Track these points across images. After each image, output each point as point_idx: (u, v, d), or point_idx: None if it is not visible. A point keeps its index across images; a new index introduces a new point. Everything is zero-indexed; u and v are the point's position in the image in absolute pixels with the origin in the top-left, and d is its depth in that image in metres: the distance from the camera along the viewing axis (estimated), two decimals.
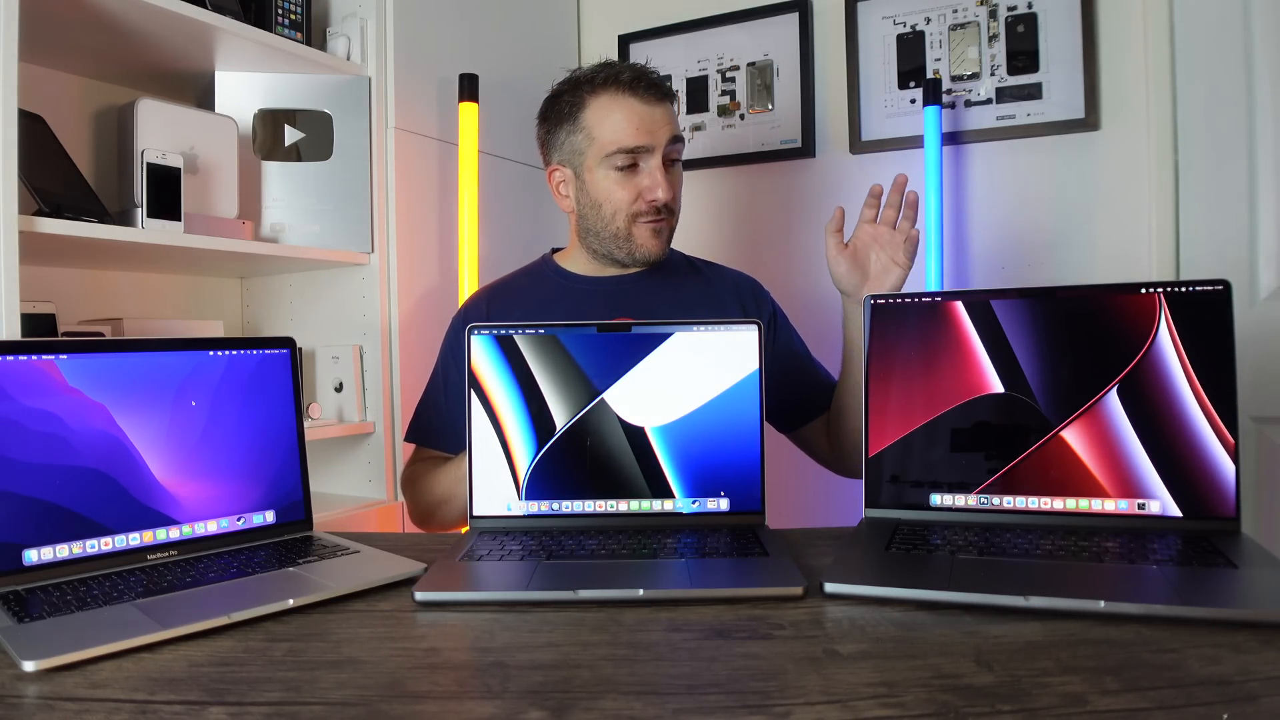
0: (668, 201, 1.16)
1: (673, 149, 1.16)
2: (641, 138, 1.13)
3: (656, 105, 1.15)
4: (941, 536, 0.81)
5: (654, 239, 1.17)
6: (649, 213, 1.16)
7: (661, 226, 1.18)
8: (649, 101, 1.14)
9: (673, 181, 1.16)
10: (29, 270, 1.13)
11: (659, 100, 1.15)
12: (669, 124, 1.16)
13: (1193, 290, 0.83)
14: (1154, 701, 0.50)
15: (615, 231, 1.17)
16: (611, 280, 1.23)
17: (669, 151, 1.16)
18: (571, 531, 0.87)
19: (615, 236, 1.18)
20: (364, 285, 1.67)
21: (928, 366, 0.90)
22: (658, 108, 1.15)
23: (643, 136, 1.13)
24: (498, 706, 0.52)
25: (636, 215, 1.16)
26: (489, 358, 0.92)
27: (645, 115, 1.14)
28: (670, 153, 1.16)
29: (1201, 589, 0.66)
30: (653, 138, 1.14)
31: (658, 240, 1.18)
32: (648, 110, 1.14)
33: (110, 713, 0.52)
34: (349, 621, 0.68)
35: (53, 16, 1.27)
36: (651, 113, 1.14)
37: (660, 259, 1.20)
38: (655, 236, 1.17)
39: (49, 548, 0.75)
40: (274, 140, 1.61)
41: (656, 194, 1.14)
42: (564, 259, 1.27)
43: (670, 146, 1.16)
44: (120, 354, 0.82)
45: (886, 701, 0.51)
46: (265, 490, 0.89)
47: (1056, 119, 1.80)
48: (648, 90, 1.14)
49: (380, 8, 1.65)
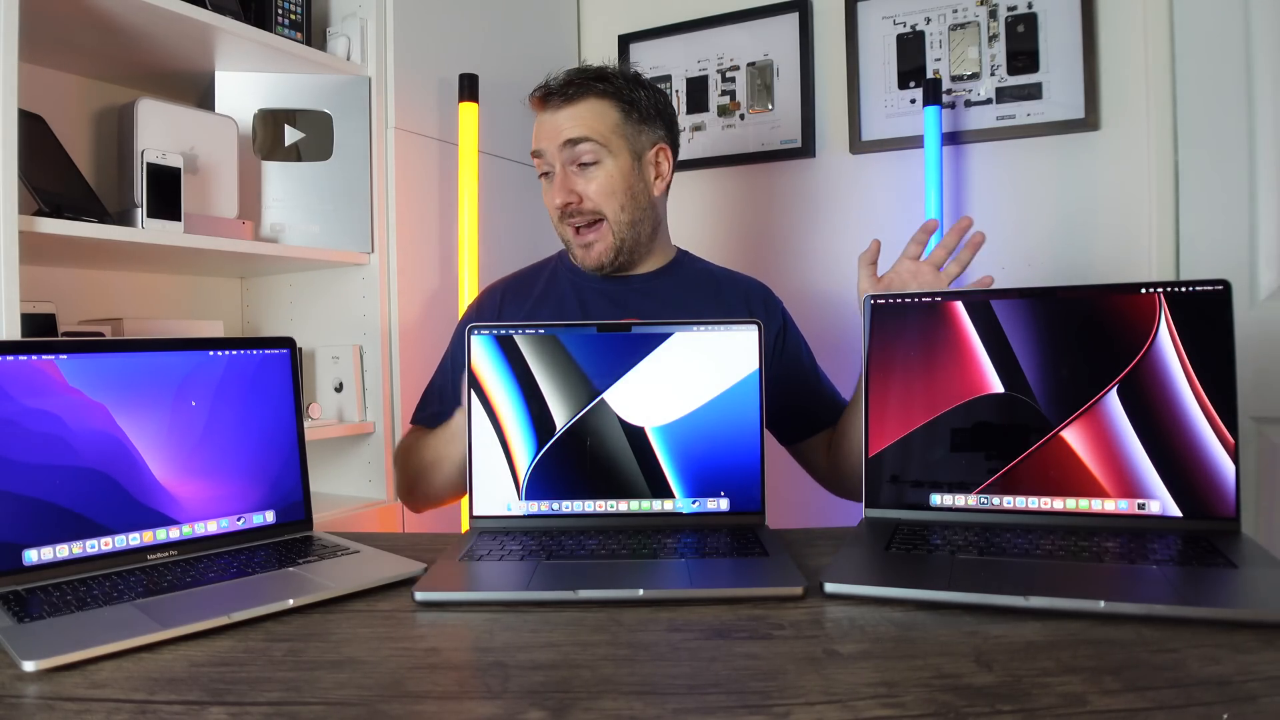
0: (569, 204, 1.15)
1: (572, 151, 1.15)
2: (538, 143, 1.18)
3: (559, 110, 1.16)
4: (941, 536, 0.81)
5: (583, 251, 1.18)
6: (563, 217, 1.17)
7: (590, 237, 1.17)
8: (549, 108, 1.17)
9: (576, 183, 1.15)
10: (29, 270, 1.13)
11: (563, 104, 1.15)
12: (564, 128, 1.15)
13: (1193, 290, 0.83)
14: (1154, 701, 0.50)
15: (564, 239, 1.21)
16: (619, 280, 1.23)
17: (571, 154, 1.15)
18: (571, 531, 0.87)
19: (566, 244, 1.22)
20: (364, 285, 1.67)
21: (928, 366, 0.90)
22: (560, 112, 1.16)
23: (540, 142, 1.18)
24: (498, 706, 0.52)
25: (561, 220, 1.18)
26: (489, 358, 0.92)
27: (545, 122, 1.17)
28: (572, 155, 1.15)
29: (1201, 589, 0.66)
30: (541, 143, 1.17)
31: (588, 253, 1.18)
32: (546, 117, 1.17)
33: (110, 713, 0.52)
34: (349, 621, 0.68)
35: (53, 16, 1.27)
36: (550, 119, 1.16)
37: (600, 270, 1.19)
38: (585, 250, 1.18)
39: (49, 548, 0.75)
40: (274, 140, 1.61)
41: (554, 199, 1.16)
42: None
43: (569, 149, 1.15)
44: (120, 354, 0.82)
45: (886, 701, 0.51)
46: (265, 490, 0.89)
47: (1056, 119, 1.80)
48: (545, 97, 1.17)
49: (380, 8, 1.65)
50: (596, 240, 1.17)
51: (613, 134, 1.16)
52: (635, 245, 1.19)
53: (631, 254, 1.20)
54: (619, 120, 1.17)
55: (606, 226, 1.17)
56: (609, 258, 1.18)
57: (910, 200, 1.91)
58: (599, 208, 1.16)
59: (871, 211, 2.00)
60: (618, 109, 1.17)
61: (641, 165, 1.19)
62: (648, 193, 1.20)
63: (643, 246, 1.21)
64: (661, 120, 1.22)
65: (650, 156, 1.20)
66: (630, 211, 1.17)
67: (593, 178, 1.15)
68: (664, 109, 1.23)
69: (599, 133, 1.15)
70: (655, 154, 1.20)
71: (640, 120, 1.18)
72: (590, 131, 1.14)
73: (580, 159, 1.15)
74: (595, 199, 1.15)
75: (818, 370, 1.28)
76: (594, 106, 1.16)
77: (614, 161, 1.16)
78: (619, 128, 1.16)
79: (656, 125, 1.21)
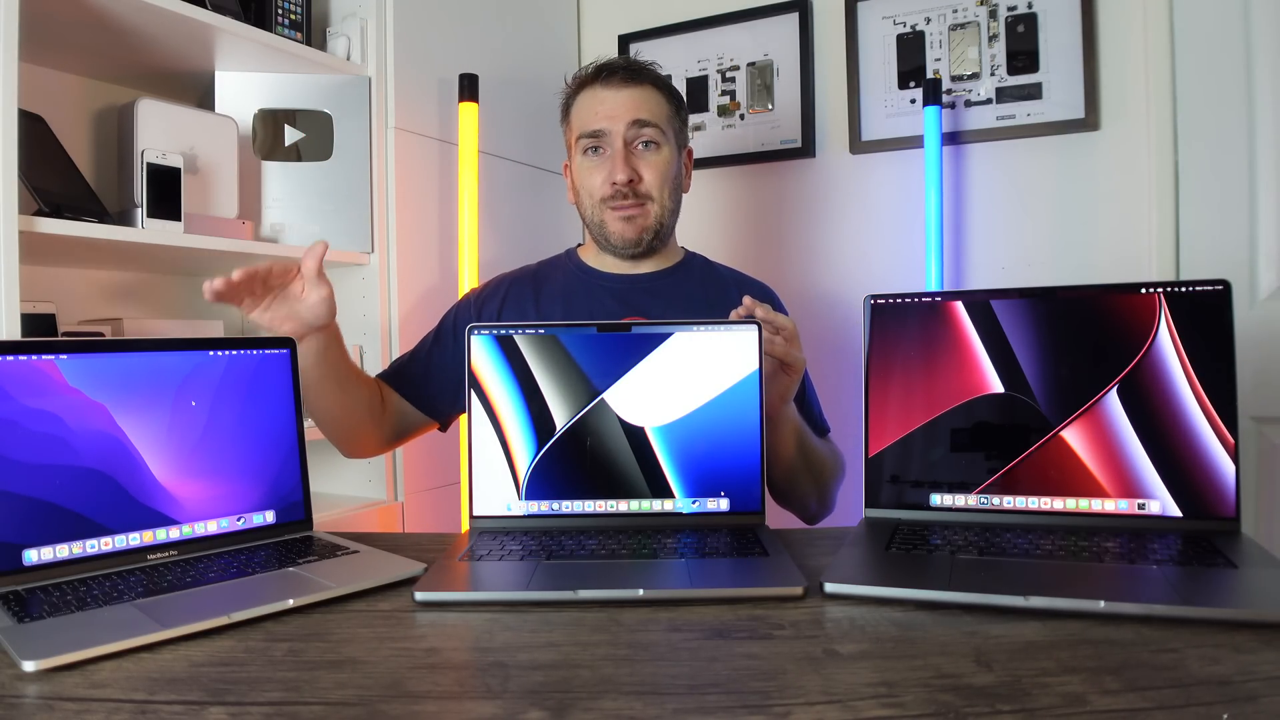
0: (630, 183, 1.15)
1: (638, 131, 1.16)
2: (599, 121, 1.17)
3: (622, 89, 1.16)
4: (941, 536, 0.81)
5: (623, 224, 1.18)
6: (614, 196, 1.17)
7: (632, 212, 1.17)
8: (613, 86, 1.17)
9: (638, 164, 1.16)
10: (29, 270, 1.13)
11: (625, 84, 1.16)
12: (632, 107, 1.16)
13: (1193, 290, 0.83)
14: (1154, 701, 0.50)
15: (596, 219, 1.20)
16: (627, 278, 1.23)
17: (636, 134, 1.16)
18: (571, 531, 0.87)
19: (597, 224, 1.21)
20: (364, 285, 1.67)
21: (928, 366, 0.90)
22: (623, 91, 1.16)
23: (600, 120, 1.17)
24: (498, 706, 0.52)
25: (605, 200, 1.18)
26: (489, 358, 0.92)
27: (606, 100, 1.17)
28: (638, 135, 1.16)
29: (1201, 589, 0.66)
30: (610, 120, 1.16)
31: (628, 226, 1.18)
32: (610, 94, 1.17)
33: (110, 713, 0.52)
34: (349, 621, 0.68)
35: (53, 16, 1.27)
36: (614, 96, 1.16)
37: (635, 246, 1.19)
38: (625, 222, 1.18)
39: (49, 548, 0.75)
40: (274, 140, 1.61)
41: (615, 175, 1.15)
42: (584, 254, 1.29)
43: (635, 129, 1.16)
44: (120, 354, 0.82)
45: (886, 701, 0.51)
46: (265, 490, 0.89)
47: (1056, 119, 1.80)
48: (610, 76, 1.17)
49: (380, 8, 1.65)
50: (639, 215, 1.18)
51: (668, 124, 1.19)
52: (665, 234, 1.22)
53: (660, 241, 1.22)
54: (671, 113, 1.20)
55: (651, 208, 1.18)
56: (648, 236, 1.19)
57: (910, 200, 1.91)
58: (652, 191, 1.17)
59: (871, 211, 2.00)
60: (670, 102, 1.20)
61: (680, 161, 1.23)
62: (681, 189, 1.24)
63: (665, 238, 1.23)
64: (687, 126, 1.27)
65: (684, 156, 1.24)
66: (673, 202, 1.21)
67: (652, 161, 1.17)
68: (687, 116, 1.28)
69: (661, 119, 1.17)
70: (686, 155, 1.25)
71: (682, 120, 1.23)
72: (655, 116, 1.17)
73: (642, 138, 1.17)
74: (651, 182, 1.17)
75: (806, 382, 1.25)
76: (654, 93, 1.19)
77: (669, 150, 1.19)
78: (671, 120, 1.20)
79: (686, 129, 1.26)
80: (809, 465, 1.12)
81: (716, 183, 2.16)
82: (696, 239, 1.42)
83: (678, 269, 1.25)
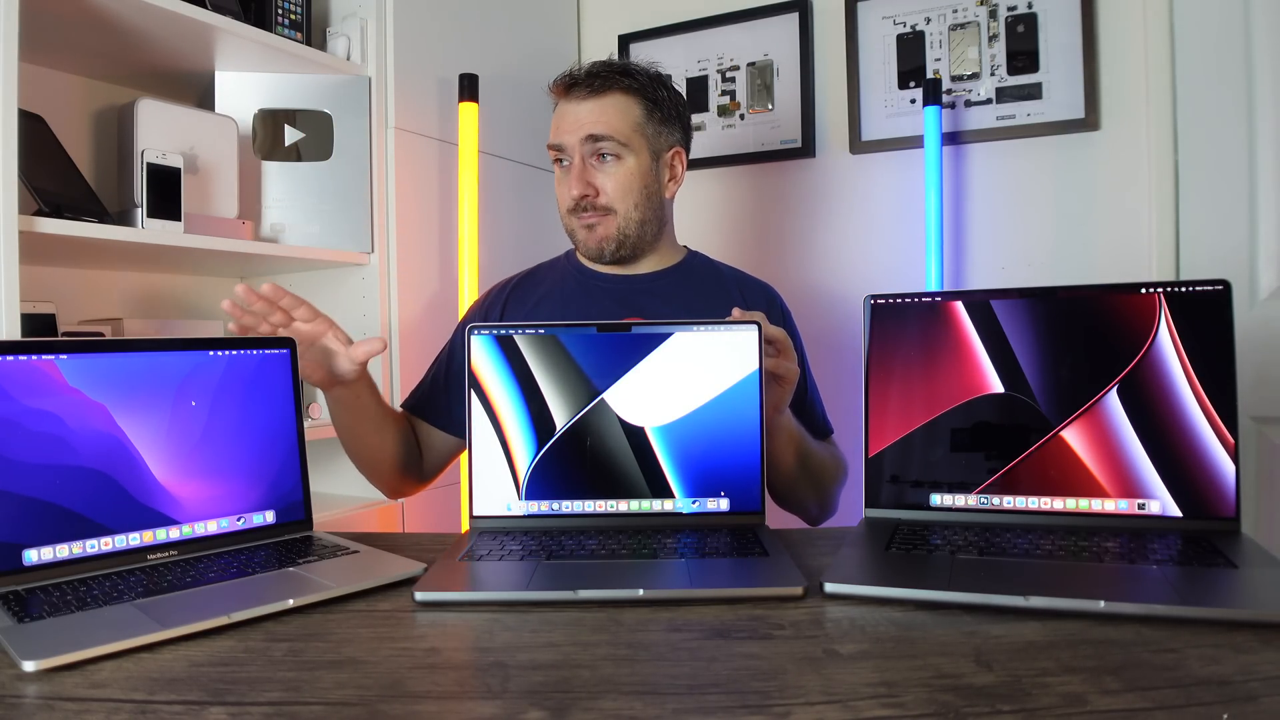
0: (586, 197, 1.15)
1: (595, 145, 1.15)
2: (560, 135, 1.17)
3: (583, 103, 1.15)
4: (941, 536, 0.81)
5: (586, 233, 1.18)
6: (575, 209, 1.17)
7: (593, 221, 1.17)
8: (574, 99, 1.16)
9: (595, 177, 1.15)
10: (29, 270, 1.13)
11: (587, 97, 1.15)
12: (589, 121, 1.14)
13: (1193, 290, 0.83)
14: (1154, 701, 0.50)
15: (567, 228, 1.21)
16: (625, 279, 1.23)
17: (594, 148, 1.15)
18: (571, 531, 0.87)
19: (569, 232, 1.21)
20: (364, 285, 1.67)
21: (928, 366, 0.90)
22: (583, 105, 1.15)
23: (561, 134, 1.17)
24: (498, 706, 0.52)
25: (570, 212, 1.18)
26: (489, 358, 0.92)
27: (567, 114, 1.17)
28: (595, 149, 1.15)
29: (1201, 589, 0.66)
30: (563, 135, 1.16)
31: (590, 235, 1.17)
32: (570, 108, 1.16)
33: (110, 713, 0.52)
34: (349, 621, 0.68)
35: (53, 16, 1.27)
36: (574, 111, 1.16)
37: (599, 255, 1.19)
38: (588, 231, 1.18)
39: (49, 548, 0.75)
40: (274, 140, 1.61)
41: (571, 190, 1.15)
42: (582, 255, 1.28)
43: (591, 144, 1.14)
44: (120, 354, 0.82)
45: (886, 701, 0.51)
46: (265, 490, 0.89)
47: (1056, 119, 1.80)
48: (573, 88, 1.16)
49: (380, 8, 1.65)
50: (600, 225, 1.17)
51: (635, 132, 1.16)
52: (639, 242, 1.19)
53: (634, 249, 1.20)
54: (642, 118, 1.17)
55: (613, 219, 1.17)
56: (610, 246, 1.18)
57: (910, 200, 1.91)
58: (612, 204, 1.16)
59: (871, 211, 2.00)
60: (641, 106, 1.17)
61: (659, 166, 1.19)
62: (660, 194, 1.20)
63: (646, 244, 1.21)
64: (680, 123, 1.22)
65: (667, 158, 1.21)
66: (642, 210, 1.18)
67: (611, 173, 1.16)
68: (683, 112, 1.23)
69: (621, 131, 1.15)
70: (672, 156, 1.21)
71: (662, 121, 1.19)
72: (613, 130, 1.14)
73: (600, 153, 1.16)
74: (611, 194, 1.16)
75: (809, 383, 1.25)
76: (619, 102, 1.16)
77: (634, 159, 1.16)
78: (641, 126, 1.17)
79: (675, 127, 1.21)
80: (808, 471, 1.12)
81: (716, 183, 2.16)
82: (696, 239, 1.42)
83: (677, 269, 1.25)
